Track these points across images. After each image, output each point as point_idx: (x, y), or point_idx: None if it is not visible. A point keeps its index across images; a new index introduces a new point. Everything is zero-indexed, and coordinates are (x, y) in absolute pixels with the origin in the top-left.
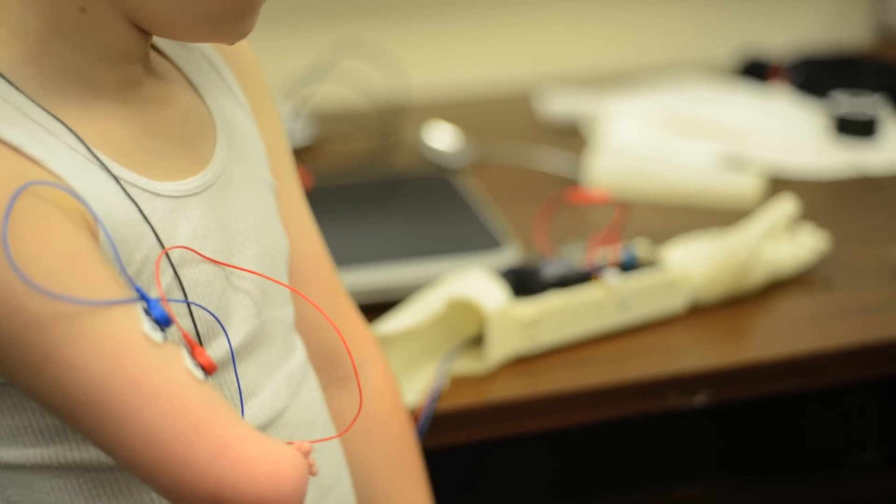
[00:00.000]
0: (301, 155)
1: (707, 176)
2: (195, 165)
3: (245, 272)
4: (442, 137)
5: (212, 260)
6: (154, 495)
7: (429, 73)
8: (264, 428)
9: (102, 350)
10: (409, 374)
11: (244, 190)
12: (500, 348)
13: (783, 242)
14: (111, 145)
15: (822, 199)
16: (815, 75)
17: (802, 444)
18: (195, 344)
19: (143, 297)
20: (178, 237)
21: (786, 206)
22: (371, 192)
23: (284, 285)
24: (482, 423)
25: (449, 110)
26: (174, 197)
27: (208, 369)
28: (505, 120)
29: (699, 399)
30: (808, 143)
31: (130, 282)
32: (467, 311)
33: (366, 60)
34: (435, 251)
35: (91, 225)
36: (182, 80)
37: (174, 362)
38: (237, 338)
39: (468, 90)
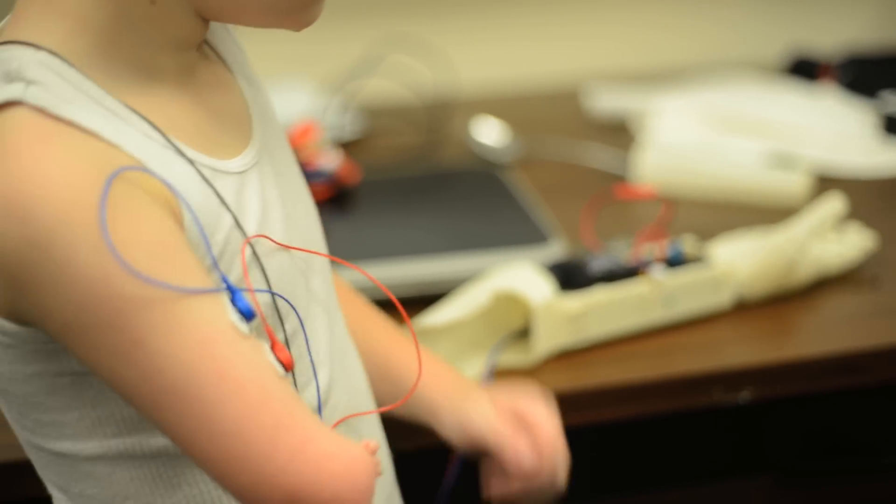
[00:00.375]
0: (349, 149)
1: (755, 173)
2: (243, 142)
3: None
4: (489, 132)
5: (290, 247)
6: None
7: (476, 69)
8: (322, 406)
9: (193, 338)
10: (455, 366)
11: (281, 159)
12: (546, 342)
13: (830, 241)
14: (179, 130)
15: (870, 198)
16: (863, 74)
17: (846, 444)
18: (276, 339)
19: (229, 287)
20: (250, 212)
21: (833, 204)
22: (418, 186)
23: (341, 261)
24: None
25: (496, 105)
26: (239, 173)
27: (286, 364)
28: (552, 115)
29: (744, 395)
30: (857, 142)
31: (216, 268)
32: (513, 304)
33: (414, 55)
34: (482, 245)
35: (175, 210)
36: (218, 59)
37: (259, 355)
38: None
39: (516, 86)
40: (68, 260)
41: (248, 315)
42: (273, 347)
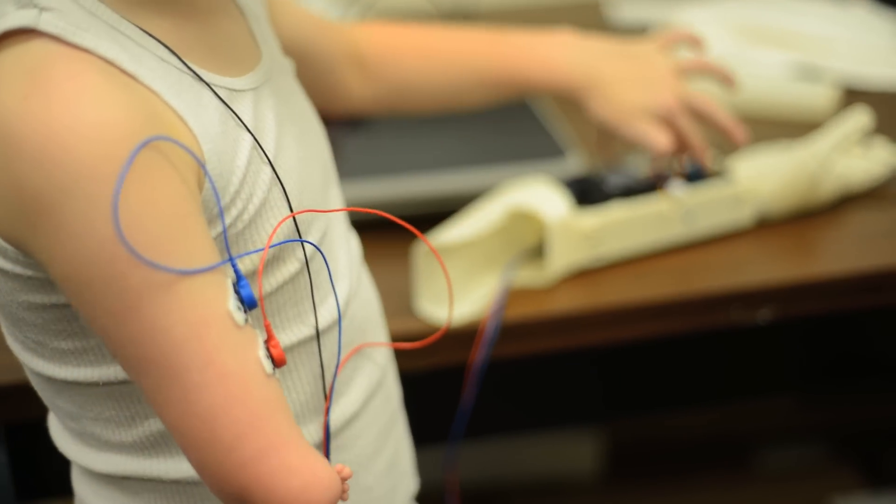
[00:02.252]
0: None
1: (779, 86)
2: (253, 62)
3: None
4: None
5: (314, 211)
6: None
7: None
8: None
9: (188, 318)
10: (468, 285)
11: (286, 82)
12: (561, 259)
13: (856, 156)
14: (194, 52)
15: None
16: None
17: (867, 364)
18: (272, 333)
19: (235, 271)
20: (267, 129)
21: (859, 118)
22: None
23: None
24: (543, 335)
25: (517, 16)
26: (253, 89)
27: (278, 361)
28: (575, 26)
29: (763, 314)
30: (885, 55)
31: (227, 249)
32: (528, 221)
33: None
34: (497, 159)
35: (196, 170)
36: None
37: (249, 349)
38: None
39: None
40: (86, 213)
41: (248, 303)
42: (268, 342)
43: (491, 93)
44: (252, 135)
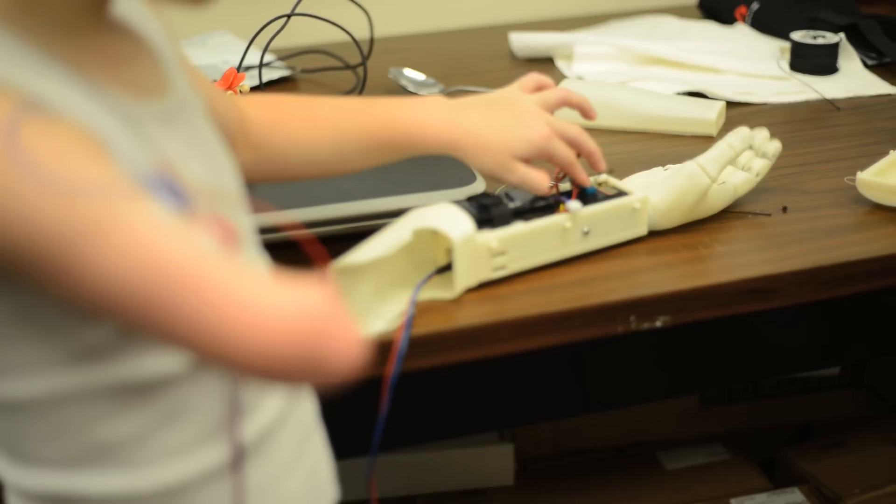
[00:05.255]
0: (278, 89)
1: (669, 104)
2: (161, 88)
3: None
4: (414, 72)
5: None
6: None
7: (395, 22)
8: None
9: (125, 245)
10: (377, 303)
11: (193, 110)
12: (467, 276)
13: (740, 168)
14: (101, 74)
15: (782, 128)
16: (771, 15)
17: (760, 366)
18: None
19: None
20: (172, 152)
21: (743, 132)
22: None
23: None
24: (449, 348)
25: (419, 48)
26: (160, 113)
27: (230, 238)
28: (476, 56)
29: (660, 321)
30: (766, 75)
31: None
32: (434, 240)
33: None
34: (409, 188)
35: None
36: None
37: (192, 241)
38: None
39: (437, 35)
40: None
41: (180, 200)
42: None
43: (372, 155)
44: (153, 153)
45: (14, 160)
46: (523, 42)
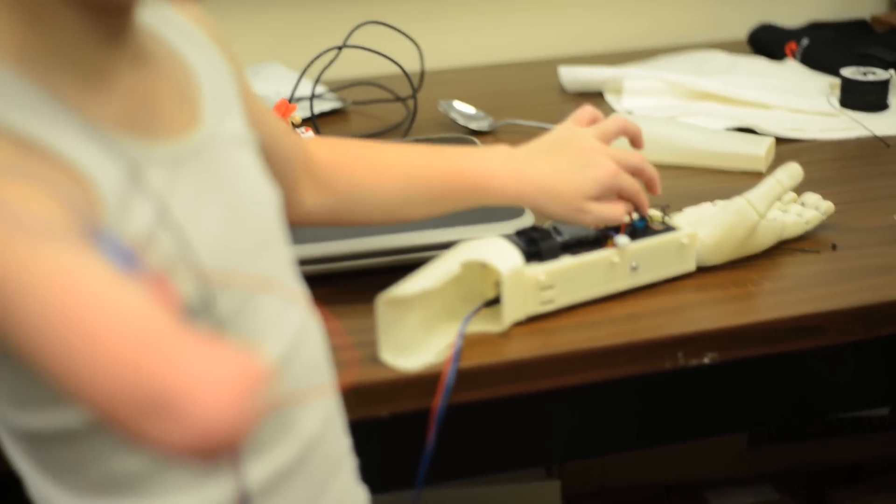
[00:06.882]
0: (324, 125)
1: (718, 140)
2: (189, 122)
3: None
4: (464, 106)
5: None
6: None
7: (446, 56)
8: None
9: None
10: (425, 335)
11: (230, 146)
12: (515, 310)
13: (790, 205)
14: (110, 118)
15: (831, 164)
16: (822, 50)
17: (812, 405)
18: (162, 277)
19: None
20: (179, 199)
21: (793, 169)
22: None
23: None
24: (497, 382)
25: (469, 81)
26: (173, 157)
27: (170, 302)
28: (526, 90)
29: (708, 358)
30: (816, 112)
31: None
32: (483, 273)
33: (386, 42)
34: (459, 221)
35: (86, 188)
36: (167, 48)
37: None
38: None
39: (487, 70)
40: None
41: (125, 260)
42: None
43: (437, 204)
44: (155, 203)
45: None
46: (573, 76)
